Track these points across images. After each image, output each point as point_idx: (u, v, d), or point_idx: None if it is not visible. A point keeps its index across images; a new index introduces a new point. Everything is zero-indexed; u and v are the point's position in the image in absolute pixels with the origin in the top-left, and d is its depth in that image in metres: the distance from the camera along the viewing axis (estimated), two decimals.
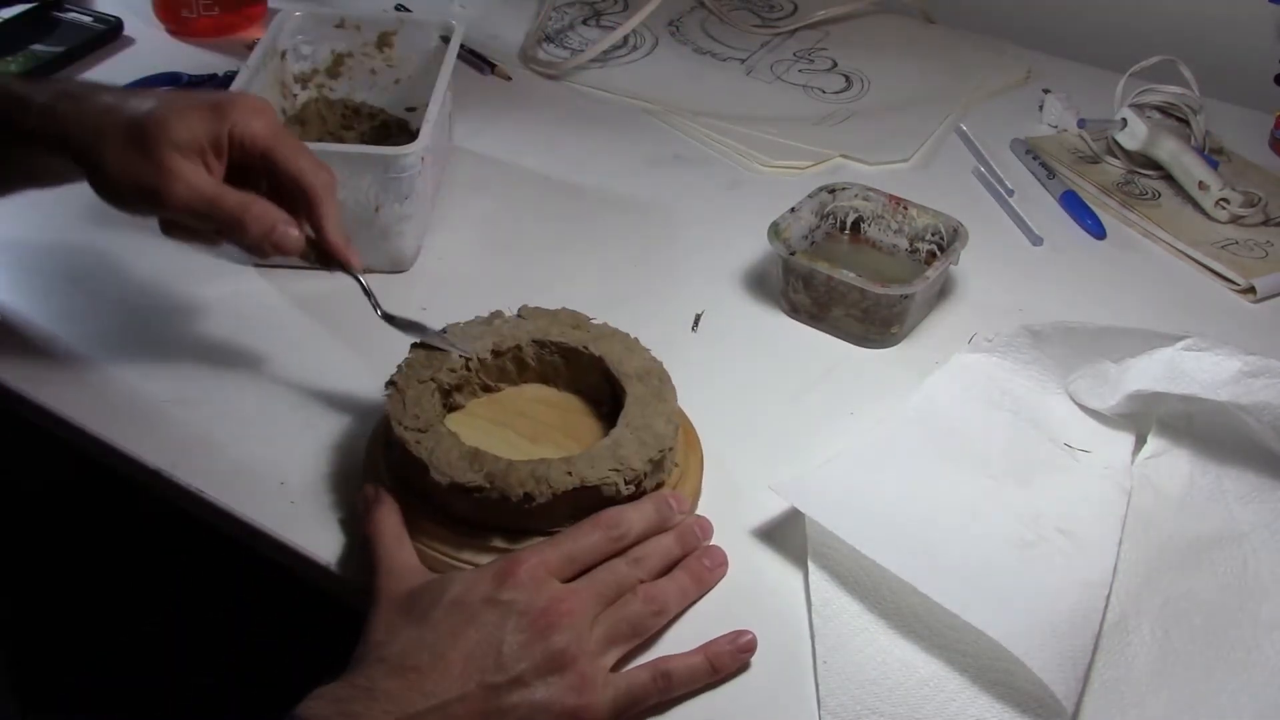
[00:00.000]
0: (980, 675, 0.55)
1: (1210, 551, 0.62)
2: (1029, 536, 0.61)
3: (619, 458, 0.59)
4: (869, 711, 0.54)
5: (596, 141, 0.97)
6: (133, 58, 1.05)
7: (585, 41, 1.12)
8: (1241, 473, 0.65)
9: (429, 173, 0.81)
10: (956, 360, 0.72)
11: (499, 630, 0.52)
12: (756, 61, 1.12)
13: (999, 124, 1.02)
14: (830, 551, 0.60)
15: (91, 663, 0.95)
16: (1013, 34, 1.17)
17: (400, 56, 0.91)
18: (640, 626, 0.55)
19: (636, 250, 0.85)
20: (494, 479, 0.57)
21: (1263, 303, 0.84)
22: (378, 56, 0.91)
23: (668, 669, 0.54)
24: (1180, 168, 0.92)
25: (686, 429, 0.67)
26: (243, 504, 0.63)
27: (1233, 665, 0.56)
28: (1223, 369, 0.65)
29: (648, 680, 0.54)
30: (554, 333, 0.67)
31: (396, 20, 0.91)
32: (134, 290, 0.78)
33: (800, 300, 0.78)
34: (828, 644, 0.57)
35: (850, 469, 0.64)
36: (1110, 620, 0.58)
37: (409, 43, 0.90)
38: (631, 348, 0.66)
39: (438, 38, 0.89)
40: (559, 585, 0.54)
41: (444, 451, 0.59)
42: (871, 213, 0.83)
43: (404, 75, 0.91)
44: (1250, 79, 1.05)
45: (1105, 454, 0.68)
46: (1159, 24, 1.11)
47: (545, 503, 0.57)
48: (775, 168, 0.95)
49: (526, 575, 0.54)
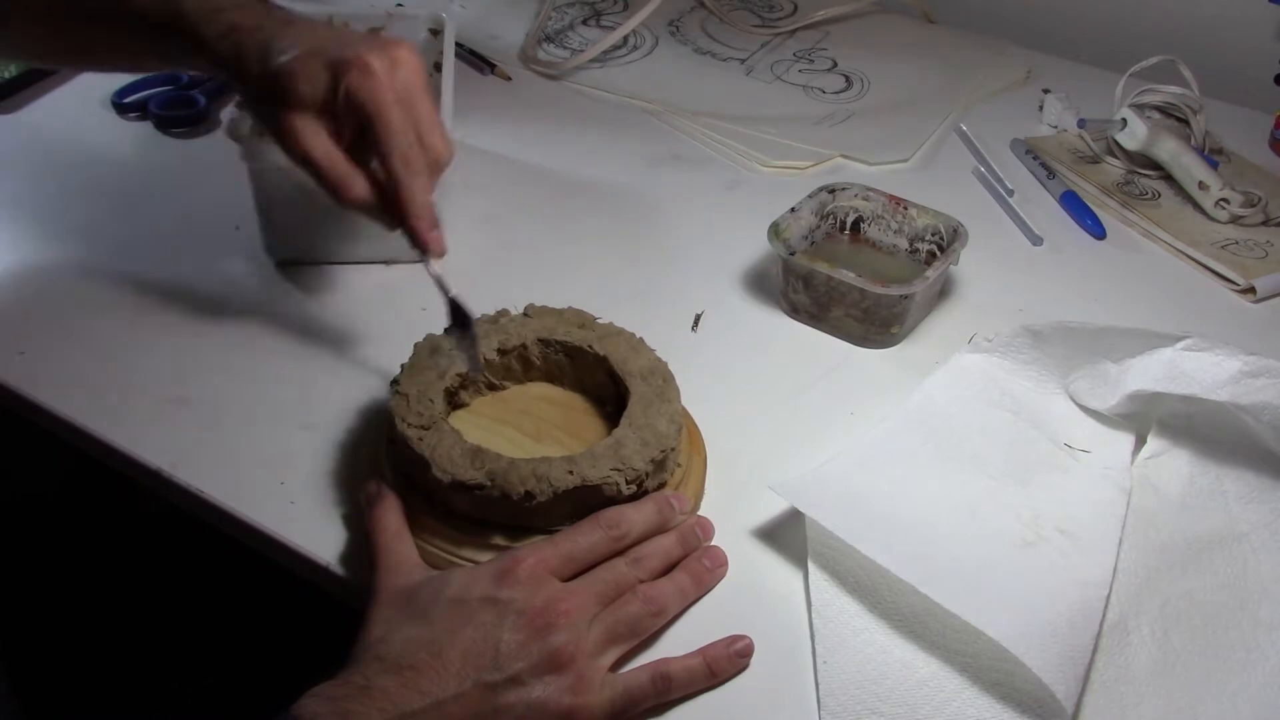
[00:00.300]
0: (980, 675, 0.55)
1: (1210, 551, 0.62)
2: (1029, 536, 0.61)
3: (621, 457, 0.59)
4: (869, 711, 0.54)
5: (596, 141, 0.97)
6: None
7: (585, 41, 1.12)
8: (1241, 473, 0.65)
9: None
10: (956, 360, 0.72)
11: (497, 629, 0.52)
12: (756, 61, 1.12)
13: (999, 124, 1.02)
14: (830, 551, 0.60)
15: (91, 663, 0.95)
16: (1013, 34, 1.17)
17: None
18: (639, 627, 0.55)
19: (636, 250, 0.85)
20: (495, 477, 0.57)
21: (1263, 303, 0.84)
22: None
23: (667, 671, 0.54)
24: (1180, 168, 0.92)
25: (690, 429, 0.67)
26: (243, 504, 0.63)
27: (1233, 665, 0.56)
28: (1223, 369, 0.65)
29: (646, 682, 0.54)
30: (559, 331, 0.67)
31: (385, 16, 0.90)
32: (134, 290, 0.78)
33: (800, 300, 0.78)
34: (828, 644, 0.57)
35: (850, 469, 0.64)
36: (1110, 620, 0.58)
37: None
38: (636, 347, 0.66)
39: (426, 31, 0.89)
40: (558, 584, 0.54)
41: (446, 449, 0.59)
42: (872, 213, 0.83)
43: None
44: (1250, 79, 1.05)
45: (1105, 454, 0.68)
46: (1159, 24, 1.11)
47: (545, 501, 0.57)
48: (775, 168, 0.95)
49: (526, 574, 0.54)
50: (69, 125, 0.95)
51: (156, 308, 0.77)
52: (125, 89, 0.97)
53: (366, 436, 0.67)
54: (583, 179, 0.93)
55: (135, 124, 0.96)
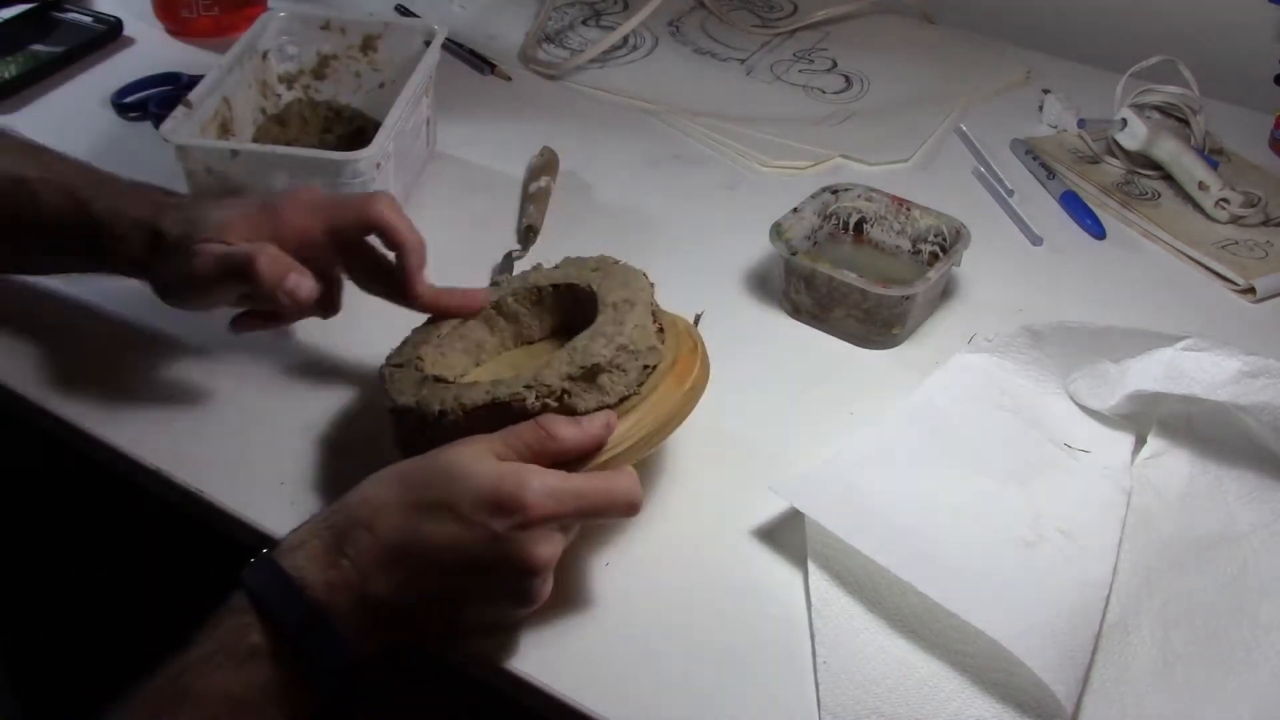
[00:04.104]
0: (980, 675, 0.55)
1: (1210, 551, 0.62)
2: (1029, 537, 0.61)
3: (539, 376, 0.58)
4: (869, 711, 0.54)
5: (596, 141, 0.97)
6: (132, 58, 1.05)
7: (585, 41, 1.12)
8: (1241, 473, 0.65)
9: (389, 178, 0.80)
10: (957, 360, 0.72)
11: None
12: (756, 62, 1.12)
13: (999, 124, 1.02)
14: (830, 551, 0.60)
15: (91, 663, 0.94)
16: (1013, 34, 1.17)
17: (384, 60, 0.90)
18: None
19: (636, 250, 0.85)
20: (421, 400, 0.58)
21: (1263, 303, 0.84)
22: (362, 60, 0.91)
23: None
24: (1180, 168, 0.92)
25: (679, 327, 0.65)
26: (243, 504, 0.64)
27: (1233, 665, 0.56)
28: (1223, 369, 0.65)
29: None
30: (573, 276, 0.67)
31: (381, 24, 0.90)
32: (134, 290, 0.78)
33: (802, 301, 0.78)
34: (828, 644, 0.57)
35: (850, 469, 0.64)
36: (1110, 620, 0.58)
37: (393, 47, 0.90)
38: (629, 281, 0.64)
39: (421, 42, 0.89)
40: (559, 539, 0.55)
41: (402, 377, 0.61)
42: (874, 213, 0.83)
43: (388, 79, 0.90)
44: (1250, 79, 1.05)
45: (1105, 454, 0.68)
46: (1159, 24, 1.11)
47: (455, 419, 0.57)
48: (775, 168, 0.95)
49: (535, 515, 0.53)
50: (69, 125, 0.95)
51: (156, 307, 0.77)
52: (125, 89, 0.97)
53: (367, 436, 0.67)
54: (583, 179, 0.93)
55: (135, 124, 0.96)
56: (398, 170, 0.83)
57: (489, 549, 0.52)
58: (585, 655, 0.57)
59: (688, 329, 0.66)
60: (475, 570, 0.53)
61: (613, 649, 0.57)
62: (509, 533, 0.52)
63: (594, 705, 0.55)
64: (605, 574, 0.61)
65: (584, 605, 0.59)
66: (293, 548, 0.53)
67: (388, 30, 0.90)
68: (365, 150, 0.75)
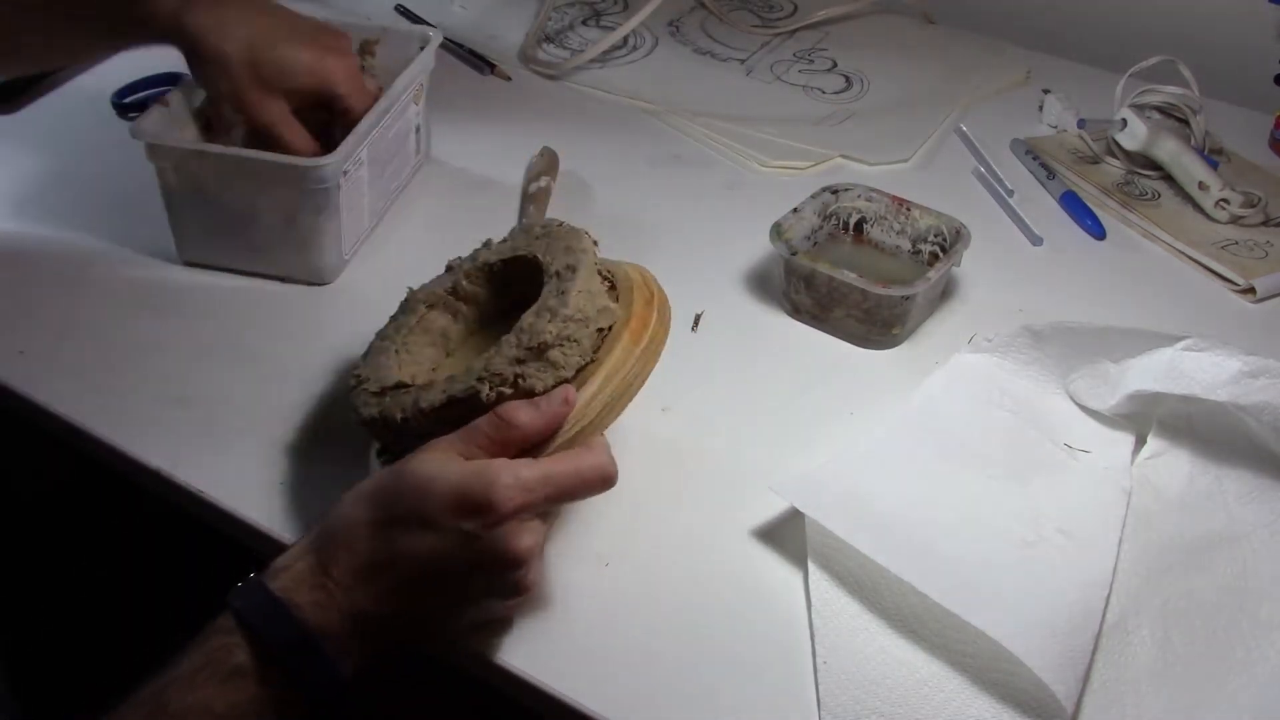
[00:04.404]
0: (980, 675, 0.55)
1: (1210, 551, 0.62)
2: (1029, 537, 0.61)
3: (489, 365, 0.56)
4: (869, 712, 0.54)
5: (596, 141, 0.97)
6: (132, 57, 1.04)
7: (585, 42, 1.12)
8: (1241, 473, 0.65)
9: (363, 185, 0.80)
10: (956, 360, 0.72)
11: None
12: (756, 62, 1.12)
13: (999, 124, 1.02)
14: (830, 551, 0.60)
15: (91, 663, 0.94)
16: (1013, 34, 1.17)
17: (382, 65, 0.90)
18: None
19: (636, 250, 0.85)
20: (384, 410, 0.58)
21: (1263, 303, 0.84)
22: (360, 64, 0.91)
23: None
24: (1180, 168, 0.92)
25: (633, 279, 0.62)
26: (243, 504, 0.64)
27: (1233, 665, 0.56)
28: (1223, 369, 0.65)
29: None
30: (520, 248, 0.65)
31: (379, 29, 0.90)
32: (134, 290, 0.78)
33: (802, 301, 0.78)
34: (828, 644, 0.57)
35: (850, 469, 0.64)
36: (1110, 620, 0.58)
37: (390, 52, 0.89)
38: (571, 244, 0.62)
39: (418, 48, 0.89)
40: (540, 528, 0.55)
41: (363, 391, 0.61)
42: (874, 214, 0.83)
43: (385, 84, 0.90)
44: (1250, 79, 1.05)
45: (1105, 454, 0.68)
46: (1159, 24, 1.11)
47: (418, 424, 0.57)
48: (775, 168, 0.95)
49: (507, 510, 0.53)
50: (69, 125, 0.95)
51: (156, 307, 0.77)
52: (125, 89, 0.97)
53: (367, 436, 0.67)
54: (583, 179, 0.93)
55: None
56: (376, 177, 0.82)
57: (467, 552, 0.52)
58: (585, 655, 0.57)
59: (644, 278, 0.63)
60: (459, 574, 0.53)
61: (612, 649, 0.58)
62: (484, 532, 0.52)
63: (594, 705, 0.55)
64: (605, 574, 0.61)
65: (584, 605, 0.59)
66: (280, 570, 0.53)
67: (385, 36, 0.90)
68: (329, 156, 0.74)
